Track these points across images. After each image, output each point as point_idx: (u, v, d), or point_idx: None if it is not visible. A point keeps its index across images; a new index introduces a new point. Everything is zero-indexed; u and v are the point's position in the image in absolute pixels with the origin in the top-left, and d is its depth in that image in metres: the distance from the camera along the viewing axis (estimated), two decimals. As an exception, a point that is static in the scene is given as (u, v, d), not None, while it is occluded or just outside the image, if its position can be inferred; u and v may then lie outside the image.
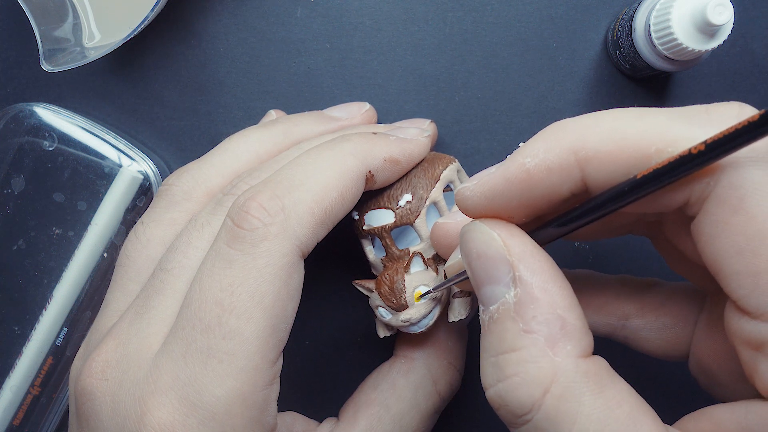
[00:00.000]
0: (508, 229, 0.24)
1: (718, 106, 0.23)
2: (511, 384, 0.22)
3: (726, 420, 0.22)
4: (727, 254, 0.21)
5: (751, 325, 0.21)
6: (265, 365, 0.27)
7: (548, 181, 0.24)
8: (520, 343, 0.22)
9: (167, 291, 0.29)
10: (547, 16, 0.42)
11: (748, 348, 0.22)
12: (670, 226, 0.26)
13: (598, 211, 0.23)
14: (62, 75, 0.42)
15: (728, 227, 0.21)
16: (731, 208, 0.21)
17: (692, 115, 0.22)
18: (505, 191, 0.24)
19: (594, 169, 0.23)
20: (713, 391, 0.28)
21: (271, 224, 0.28)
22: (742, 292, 0.21)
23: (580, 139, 0.23)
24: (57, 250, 0.41)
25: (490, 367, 0.23)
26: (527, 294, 0.23)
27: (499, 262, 0.23)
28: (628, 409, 0.21)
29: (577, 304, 0.23)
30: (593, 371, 0.22)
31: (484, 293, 0.24)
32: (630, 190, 0.22)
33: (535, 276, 0.23)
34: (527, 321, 0.22)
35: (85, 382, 0.28)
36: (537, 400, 0.22)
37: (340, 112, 0.39)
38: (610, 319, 0.31)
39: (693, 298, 0.30)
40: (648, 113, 0.23)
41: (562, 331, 0.22)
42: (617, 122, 0.23)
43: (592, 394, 0.21)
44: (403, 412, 0.33)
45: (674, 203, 0.23)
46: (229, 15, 0.42)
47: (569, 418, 0.21)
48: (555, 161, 0.23)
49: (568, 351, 0.22)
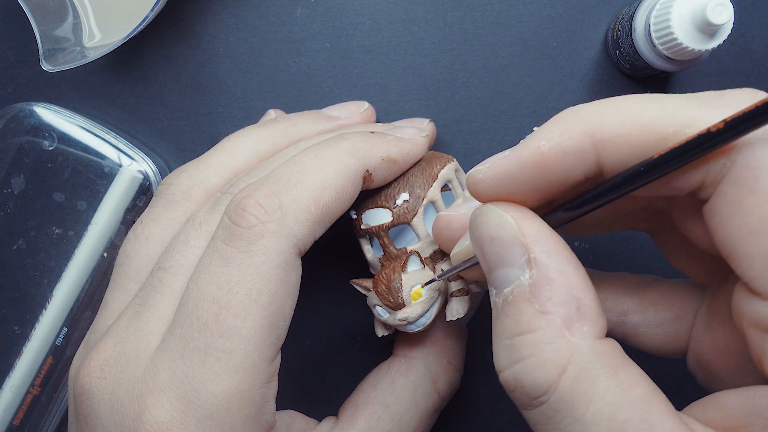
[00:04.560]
0: (521, 212, 0.24)
1: (731, 91, 0.23)
2: (527, 365, 0.22)
3: (733, 406, 0.22)
4: (740, 235, 0.21)
5: (762, 306, 0.21)
6: (263, 363, 0.27)
7: (563, 165, 0.23)
8: (536, 324, 0.22)
9: (165, 290, 0.29)
10: (547, 16, 0.42)
11: (758, 330, 0.22)
12: (678, 212, 0.26)
13: (613, 192, 0.23)
14: (62, 75, 0.42)
15: (742, 208, 0.21)
16: (746, 189, 0.21)
17: (707, 99, 0.22)
18: (519, 174, 0.24)
19: (610, 151, 0.23)
20: (711, 387, 0.28)
21: (268, 222, 0.28)
22: (754, 273, 0.21)
23: (596, 122, 0.23)
24: (57, 250, 0.41)
25: (505, 349, 0.23)
26: (543, 275, 0.23)
27: (513, 245, 0.23)
28: (641, 392, 0.21)
29: (592, 285, 0.23)
30: (608, 353, 0.22)
31: (496, 276, 0.24)
32: (646, 170, 0.22)
33: (550, 257, 0.23)
34: (543, 302, 0.22)
35: (83, 381, 0.29)
36: (553, 381, 0.21)
37: (338, 111, 0.39)
38: (609, 316, 0.31)
39: (692, 293, 0.30)
40: (663, 98, 0.23)
41: (578, 311, 0.22)
42: (633, 105, 0.23)
43: (607, 376, 0.21)
44: (402, 411, 0.33)
45: (689, 186, 0.23)
46: (229, 15, 0.42)
47: (585, 399, 0.21)
48: (571, 144, 0.23)
49: (584, 332, 0.22)
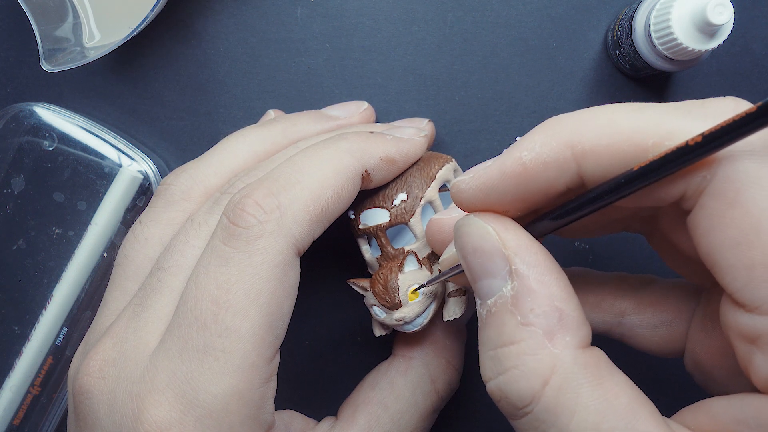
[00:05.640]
0: (502, 223, 0.24)
1: (713, 100, 0.23)
2: (510, 377, 0.22)
3: (722, 413, 0.22)
4: (722, 247, 0.21)
5: (746, 318, 0.21)
6: (262, 363, 0.27)
7: (544, 175, 0.23)
8: (519, 335, 0.22)
9: (164, 290, 0.29)
10: (547, 16, 0.41)
11: (743, 341, 0.22)
12: (665, 221, 0.26)
13: (594, 204, 0.23)
14: (62, 75, 0.42)
15: (724, 220, 0.21)
16: (727, 202, 0.21)
17: (689, 109, 0.22)
18: (501, 185, 0.24)
19: (590, 163, 0.23)
20: (708, 387, 0.28)
21: (266, 221, 0.28)
22: (737, 285, 0.21)
23: (576, 133, 0.23)
24: (57, 250, 0.41)
25: (489, 360, 0.23)
26: (524, 287, 0.23)
27: (495, 256, 0.23)
28: (626, 400, 0.21)
29: (574, 294, 0.23)
30: (592, 362, 0.22)
31: (480, 287, 0.24)
32: (626, 182, 0.22)
33: (531, 268, 0.23)
34: (525, 314, 0.22)
35: (82, 381, 0.29)
36: (537, 392, 0.22)
37: (338, 111, 0.39)
38: (607, 317, 0.31)
39: (689, 294, 0.30)
40: (644, 107, 0.23)
41: (560, 322, 0.22)
42: (613, 116, 0.23)
43: (590, 386, 0.21)
44: (401, 411, 0.33)
45: (670, 197, 0.23)
46: (229, 15, 0.42)
47: (568, 409, 0.21)
48: (551, 155, 0.23)
49: (566, 342, 0.22)
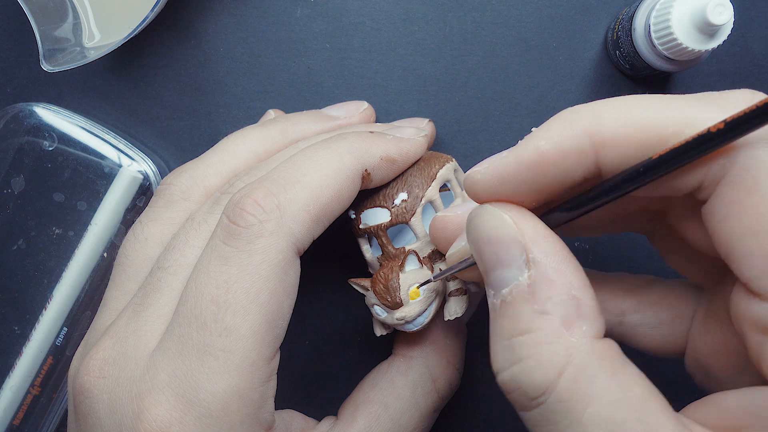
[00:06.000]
0: (519, 212, 0.24)
1: (731, 91, 0.23)
2: (525, 366, 0.22)
3: (732, 406, 0.22)
4: (739, 235, 0.21)
5: (761, 307, 0.21)
6: (262, 362, 0.27)
7: (562, 165, 0.23)
8: (535, 324, 0.22)
9: (164, 289, 0.29)
10: (547, 16, 0.41)
11: (757, 331, 0.22)
12: (674, 214, 0.26)
13: (612, 193, 0.23)
14: (62, 75, 0.42)
15: (741, 208, 0.21)
16: (745, 189, 0.21)
17: (707, 99, 0.22)
18: (517, 175, 0.24)
19: (609, 152, 0.23)
20: (710, 388, 0.28)
21: (266, 221, 0.28)
22: (753, 274, 0.21)
23: (595, 122, 0.23)
24: (57, 250, 0.41)
25: (503, 350, 0.23)
26: (542, 275, 0.22)
27: (511, 245, 0.23)
28: (639, 392, 0.21)
29: (590, 285, 0.23)
30: (607, 353, 0.22)
31: (494, 277, 0.24)
32: (645, 171, 0.22)
33: (549, 257, 0.23)
34: (542, 302, 0.22)
35: (82, 380, 0.29)
36: (551, 382, 0.21)
37: (338, 111, 0.39)
38: (608, 316, 0.31)
39: (690, 294, 0.30)
40: (662, 98, 0.23)
41: (577, 311, 0.22)
42: (632, 106, 0.23)
43: (605, 376, 0.21)
44: (401, 411, 0.33)
45: (687, 186, 0.23)
46: (229, 15, 0.42)
47: (583, 400, 0.21)
48: (570, 144, 0.23)
49: (583, 332, 0.22)
